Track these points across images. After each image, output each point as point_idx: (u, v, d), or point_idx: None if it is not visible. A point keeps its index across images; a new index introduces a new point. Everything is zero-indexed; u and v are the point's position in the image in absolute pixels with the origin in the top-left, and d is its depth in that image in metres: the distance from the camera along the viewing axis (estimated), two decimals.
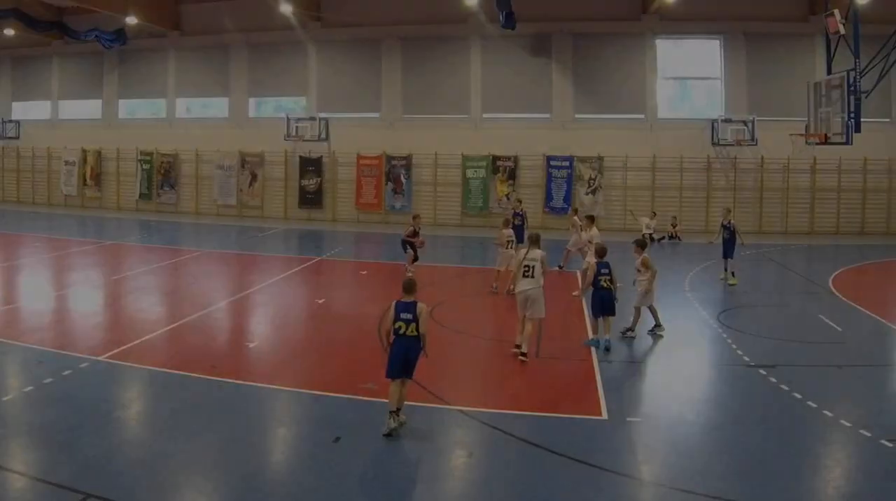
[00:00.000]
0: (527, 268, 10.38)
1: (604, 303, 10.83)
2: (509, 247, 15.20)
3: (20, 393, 8.48)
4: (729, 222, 16.50)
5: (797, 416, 8.43)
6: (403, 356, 7.68)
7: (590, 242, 14.06)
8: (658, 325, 11.79)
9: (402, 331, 7.71)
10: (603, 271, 10.92)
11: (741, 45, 26.31)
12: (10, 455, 6.92)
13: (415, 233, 15.95)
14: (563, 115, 26.81)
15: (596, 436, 7.79)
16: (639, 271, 11.75)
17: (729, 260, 16.49)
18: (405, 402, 7.86)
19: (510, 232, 15.59)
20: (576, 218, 19.12)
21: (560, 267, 17.31)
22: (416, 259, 16.06)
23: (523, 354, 10.21)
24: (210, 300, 14.03)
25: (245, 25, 27.85)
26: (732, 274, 16.46)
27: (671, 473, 6.97)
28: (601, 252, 11.23)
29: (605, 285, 10.85)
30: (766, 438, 7.78)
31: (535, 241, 10.65)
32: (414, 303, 7.77)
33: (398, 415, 7.64)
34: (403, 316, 7.72)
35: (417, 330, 7.68)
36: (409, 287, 7.87)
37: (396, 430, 7.55)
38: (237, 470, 6.81)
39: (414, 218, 16.76)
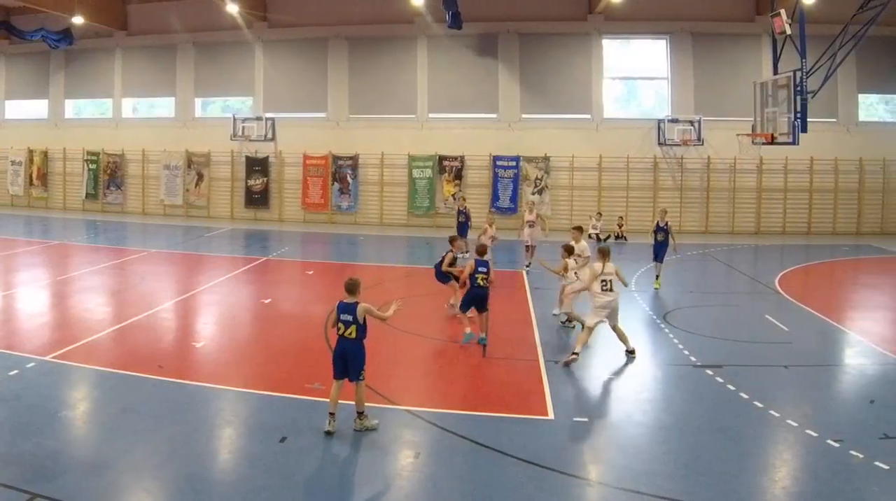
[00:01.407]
0: (605, 282, 10.47)
1: (474, 300, 11.04)
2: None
3: None
4: (665, 223, 16.10)
5: (744, 416, 8.42)
6: (341, 356, 7.66)
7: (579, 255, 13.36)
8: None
9: (340, 333, 7.70)
10: (480, 269, 11.06)
11: (688, 45, 26.33)
12: None
13: (454, 261, 12.97)
14: (509, 115, 26.73)
15: (542, 436, 7.79)
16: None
17: (658, 263, 16.00)
18: (365, 404, 7.81)
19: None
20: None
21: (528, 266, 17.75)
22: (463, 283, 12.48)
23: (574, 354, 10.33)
24: (157, 300, 13.98)
25: (191, 25, 27.67)
26: (657, 276, 16.05)
27: (617, 473, 6.97)
28: (481, 250, 11.44)
29: (480, 283, 11.01)
30: (712, 438, 7.79)
31: (606, 255, 10.68)
32: (355, 305, 7.65)
33: (334, 418, 7.63)
34: (343, 317, 7.66)
35: (358, 332, 7.62)
36: (352, 287, 7.73)
37: (331, 432, 7.58)
38: (183, 470, 6.79)
39: (451, 241, 13.40)
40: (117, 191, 29.00)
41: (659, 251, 16.05)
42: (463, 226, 19.63)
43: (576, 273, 11.86)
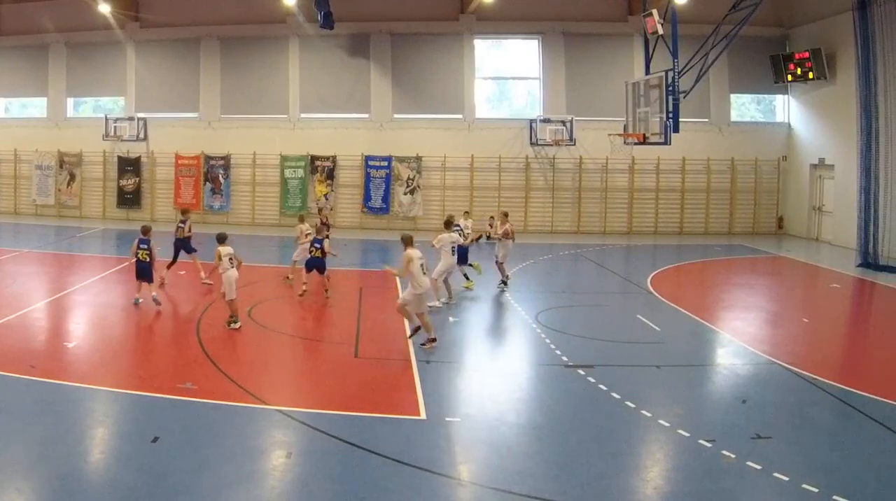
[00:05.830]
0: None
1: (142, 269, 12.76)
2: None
3: None
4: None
5: (616, 416, 8.47)
6: None
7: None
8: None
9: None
10: (142, 246, 12.71)
11: (560, 45, 26.38)
12: None
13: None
14: (381, 115, 26.59)
15: (415, 436, 7.84)
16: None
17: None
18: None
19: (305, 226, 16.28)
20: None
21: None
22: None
23: None
24: (29, 300, 13.76)
25: (64, 25, 27.22)
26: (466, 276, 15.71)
27: (489, 473, 7.02)
28: (144, 231, 13.04)
29: (142, 257, 12.53)
30: (584, 438, 7.85)
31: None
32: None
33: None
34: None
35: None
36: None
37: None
38: (56, 470, 6.76)
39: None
40: None
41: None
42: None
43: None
